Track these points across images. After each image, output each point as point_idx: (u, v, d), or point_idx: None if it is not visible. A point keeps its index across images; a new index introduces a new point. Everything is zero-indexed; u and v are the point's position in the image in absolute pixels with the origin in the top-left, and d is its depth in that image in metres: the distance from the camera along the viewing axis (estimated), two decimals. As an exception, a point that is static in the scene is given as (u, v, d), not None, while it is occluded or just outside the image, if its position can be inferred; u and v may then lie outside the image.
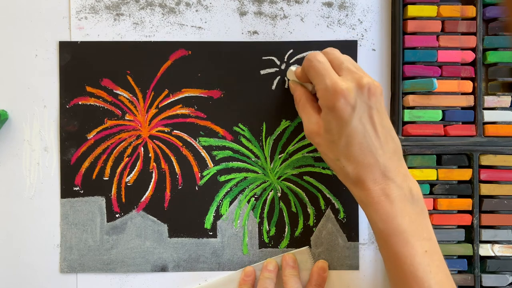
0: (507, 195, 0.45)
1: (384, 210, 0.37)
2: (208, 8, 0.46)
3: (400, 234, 0.36)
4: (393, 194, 0.37)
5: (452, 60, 0.45)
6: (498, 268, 0.45)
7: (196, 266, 0.46)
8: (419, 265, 0.36)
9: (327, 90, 0.37)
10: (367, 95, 0.37)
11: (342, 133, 0.37)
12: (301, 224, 0.46)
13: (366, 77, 0.37)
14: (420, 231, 0.37)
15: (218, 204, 0.46)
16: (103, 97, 0.45)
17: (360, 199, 0.38)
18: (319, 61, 0.38)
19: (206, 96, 0.46)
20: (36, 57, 0.45)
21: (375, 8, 0.46)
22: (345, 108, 0.36)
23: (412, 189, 0.38)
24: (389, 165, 0.37)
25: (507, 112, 0.45)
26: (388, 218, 0.37)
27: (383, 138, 0.37)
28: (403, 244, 0.36)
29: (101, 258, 0.45)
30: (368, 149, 0.37)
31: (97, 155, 0.45)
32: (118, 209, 0.46)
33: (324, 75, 0.38)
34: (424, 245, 0.36)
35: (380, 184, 0.37)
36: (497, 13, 0.45)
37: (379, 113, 0.38)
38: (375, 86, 0.37)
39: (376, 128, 0.37)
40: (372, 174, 0.37)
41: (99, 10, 0.45)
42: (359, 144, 0.37)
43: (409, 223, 0.37)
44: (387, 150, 0.38)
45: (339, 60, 0.39)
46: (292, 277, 0.44)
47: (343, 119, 0.37)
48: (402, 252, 0.36)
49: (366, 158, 0.37)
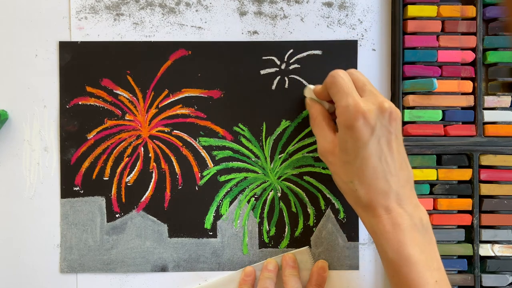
0: (507, 195, 0.45)
1: (396, 240, 0.36)
2: (208, 8, 0.46)
3: (411, 265, 0.36)
4: (405, 223, 0.36)
5: (452, 60, 0.45)
6: (498, 268, 0.45)
7: (196, 266, 0.46)
8: None
9: (348, 108, 0.36)
10: (388, 120, 0.37)
11: (358, 154, 0.36)
12: (301, 224, 0.46)
13: (388, 102, 0.37)
14: (430, 261, 0.36)
15: (218, 204, 0.46)
16: (103, 97, 0.45)
17: (371, 226, 0.38)
18: (343, 78, 0.38)
19: (206, 96, 0.46)
20: (36, 57, 0.45)
21: (375, 8, 0.46)
22: (364, 129, 0.36)
23: (422, 218, 0.37)
24: (402, 193, 0.37)
25: (507, 112, 0.45)
26: (399, 248, 0.36)
27: (398, 165, 0.37)
28: (414, 274, 0.36)
29: (101, 258, 0.45)
30: (382, 174, 0.36)
31: (97, 155, 0.45)
32: (118, 209, 0.46)
33: (347, 93, 0.37)
34: (434, 275, 0.36)
35: (392, 213, 0.36)
36: (497, 13, 0.45)
37: (397, 139, 0.37)
38: (396, 112, 0.37)
39: (393, 154, 0.37)
40: (385, 201, 0.37)
41: (99, 10, 0.45)
42: (374, 168, 0.36)
43: (420, 253, 0.36)
44: (402, 177, 0.37)
45: (362, 82, 0.39)
46: (292, 277, 0.44)
47: (360, 140, 0.36)
48: (413, 283, 0.36)
49: (379, 183, 0.36)
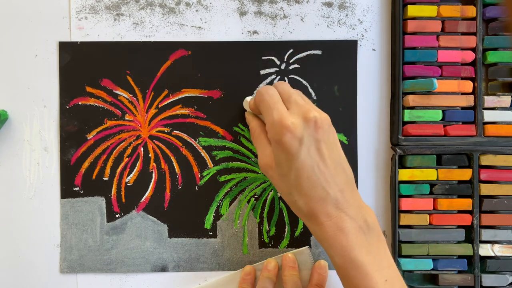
0: (507, 195, 0.45)
1: (340, 244, 0.36)
2: (208, 8, 0.46)
3: (358, 267, 0.36)
4: (347, 227, 0.36)
5: (452, 60, 0.45)
6: (498, 268, 0.45)
7: (196, 266, 0.46)
8: None
9: (274, 124, 0.37)
10: (314, 128, 0.37)
11: (291, 167, 0.37)
12: (301, 224, 0.46)
13: (313, 111, 0.37)
14: (378, 261, 0.36)
15: (218, 204, 0.46)
16: (103, 97, 0.45)
17: (315, 233, 0.38)
18: (269, 94, 0.39)
19: (206, 96, 0.46)
20: (36, 57, 0.45)
21: (375, 8, 0.46)
22: (292, 142, 0.36)
23: (367, 219, 0.37)
24: (341, 198, 0.37)
25: (507, 112, 0.45)
26: (344, 252, 0.36)
27: (333, 170, 0.37)
28: (362, 276, 0.36)
29: (101, 258, 0.45)
30: (318, 183, 0.37)
31: (97, 155, 0.46)
32: (118, 209, 0.46)
33: (272, 108, 0.38)
34: (383, 274, 0.36)
35: (333, 218, 0.36)
36: (497, 13, 0.45)
37: (328, 145, 0.37)
38: (321, 119, 0.37)
39: (325, 161, 0.37)
40: (324, 208, 0.37)
41: (99, 10, 0.45)
42: (309, 178, 0.37)
43: (366, 255, 0.36)
44: (338, 182, 0.37)
45: (288, 94, 0.39)
46: (292, 277, 0.44)
47: (291, 153, 0.36)
48: (362, 285, 0.36)
49: (316, 192, 0.37)
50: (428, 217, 0.45)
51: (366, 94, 0.46)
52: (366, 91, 0.46)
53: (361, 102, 0.46)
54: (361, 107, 0.46)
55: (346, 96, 0.46)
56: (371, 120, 0.46)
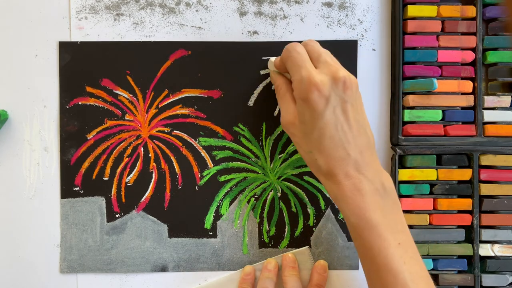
0: (507, 195, 0.45)
1: (356, 204, 0.37)
2: (208, 8, 0.46)
3: (372, 228, 0.36)
4: (365, 188, 0.37)
5: (452, 60, 0.45)
6: (498, 268, 0.45)
7: (196, 266, 0.46)
8: (392, 256, 0.36)
9: (302, 81, 0.37)
10: (342, 89, 0.37)
11: (315, 125, 0.37)
12: (301, 224, 0.46)
13: (342, 71, 0.37)
14: (393, 224, 0.37)
15: (218, 204, 0.46)
16: (103, 97, 0.45)
17: (332, 192, 0.38)
18: (297, 52, 0.39)
19: (206, 96, 0.46)
20: (36, 57, 0.45)
21: (375, 8, 0.46)
22: (319, 100, 0.36)
23: (384, 182, 0.38)
24: (360, 160, 0.37)
25: (507, 112, 0.45)
26: (360, 212, 0.37)
27: (356, 132, 0.37)
28: (376, 237, 0.36)
29: (101, 258, 0.45)
30: (340, 143, 0.37)
31: (97, 155, 0.45)
32: (118, 209, 0.46)
33: (301, 66, 0.38)
34: (397, 237, 0.36)
35: (352, 179, 0.37)
36: (497, 13, 0.45)
37: (354, 107, 0.38)
38: (350, 80, 0.37)
39: (349, 122, 0.37)
40: (344, 168, 0.37)
41: (99, 10, 0.45)
42: (331, 137, 0.37)
43: (382, 217, 0.37)
44: (360, 144, 0.38)
45: (318, 53, 0.39)
46: (292, 277, 0.44)
47: (316, 111, 0.37)
48: (375, 245, 0.36)
49: (337, 152, 0.37)
50: (428, 217, 0.45)
51: (366, 94, 0.46)
52: (366, 91, 0.46)
53: (361, 102, 0.46)
54: (361, 107, 0.46)
55: (346, 96, 0.46)
56: (371, 120, 0.46)
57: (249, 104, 0.46)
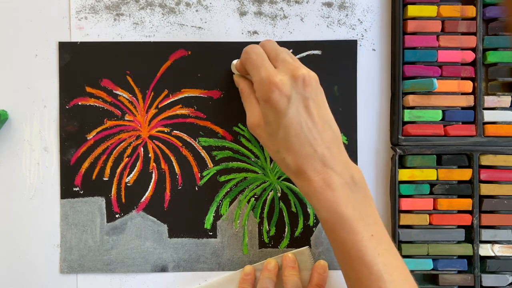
0: (507, 195, 0.45)
1: (326, 199, 0.37)
2: (208, 8, 0.46)
3: (344, 222, 0.36)
4: (334, 182, 0.37)
5: (452, 60, 0.45)
6: (498, 268, 0.45)
7: (196, 266, 0.46)
8: (366, 249, 0.36)
9: (262, 82, 0.37)
10: (302, 86, 0.37)
11: (280, 125, 0.37)
12: (301, 224, 0.46)
13: (302, 68, 0.38)
14: (364, 217, 0.37)
15: (218, 204, 0.46)
16: (102, 97, 0.45)
17: (303, 189, 0.38)
18: (255, 53, 0.39)
19: (206, 96, 0.46)
20: (36, 57, 0.45)
21: (375, 8, 0.46)
22: (280, 100, 0.37)
23: (353, 176, 0.38)
24: (328, 155, 0.37)
25: (507, 112, 0.45)
26: (331, 207, 0.37)
27: (321, 128, 0.38)
28: (348, 231, 0.36)
29: (101, 259, 0.45)
30: (305, 140, 0.37)
31: (97, 156, 0.45)
32: (118, 210, 0.46)
33: (260, 67, 0.38)
34: (370, 230, 0.37)
35: (321, 174, 0.37)
36: (497, 13, 0.45)
37: (316, 103, 0.38)
38: (309, 76, 0.37)
39: (313, 118, 0.37)
40: (312, 164, 0.37)
41: (99, 10, 0.45)
42: (297, 135, 0.37)
43: (353, 210, 0.37)
44: (326, 139, 0.38)
45: (275, 52, 0.39)
46: (292, 277, 0.44)
47: (279, 111, 0.37)
48: (348, 239, 0.36)
49: (304, 149, 0.37)
50: (428, 217, 0.45)
51: (366, 94, 0.46)
52: (366, 91, 0.46)
53: (361, 102, 0.46)
54: (361, 107, 0.46)
55: (346, 96, 0.46)
56: (371, 120, 0.46)
57: (249, 104, 0.46)
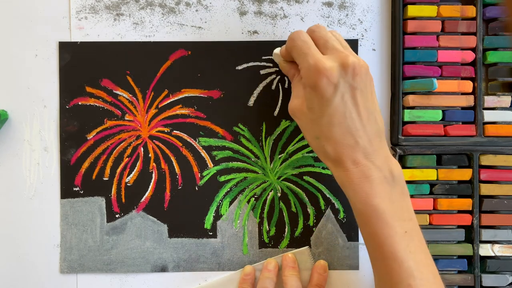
0: (507, 195, 0.45)
1: (363, 191, 0.36)
2: (208, 8, 0.46)
3: (379, 215, 0.36)
4: (373, 175, 0.37)
5: (452, 60, 0.45)
6: (498, 268, 0.45)
7: (196, 266, 0.46)
8: (398, 245, 0.36)
9: (310, 69, 0.37)
10: (352, 75, 0.36)
11: (324, 112, 0.37)
12: (301, 224, 0.46)
13: (352, 56, 0.37)
14: (400, 212, 0.37)
15: (218, 204, 0.46)
16: (102, 97, 0.45)
17: (340, 179, 0.38)
18: (302, 40, 0.38)
19: (206, 96, 0.46)
20: (36, 57, 0.45)
21: (375, 8, 0.46)
22: (327, 87, 0.36)
23: (393, 170, 0.37)
24: (369, 147, 0.37)
25: (507, 112, 0.45)
26: (367, 199, 0.36)
27: (365, 119, 0.37)
28: (382, 225, 0.36)
29: (101, 259, 0.45)
30: (348, 130, 0.37)
31: (97, 156, 0.45)
32: (118, 210, 0.46)
33: (307, 54, 0.37)
34: (404, 225, 0.36)
35: (360, 166, 0.37)
36: (497, 13, 0.45)
37: (363, 94, 0.37)
38: (360, 65, 0.37)
39: (358, 109, 0.37)
40: (352, 155, 0.37)
41: (99, 10, 0.45)
42: (340, 124, 0.37)
43: (389, 204, 0.36)
44: (369, 131, 0.37)
45: (324, 39, 0.38)
46: (292, 277, 0.44)
47: (324, 98, 0.36)
48: (381, 233, 0.36)
49: (346, 139, 0.37)
50: (428, 217, 0.45)
51: (366, 94, 0.46)
52: (366, 91, 0.46)
53: (361, 102, 0.46)
54: (361, 107, 0.46)
55: (346, 96, 0.46)
56: (371, 120, 0.46)
57: (249, 104, 0.46)
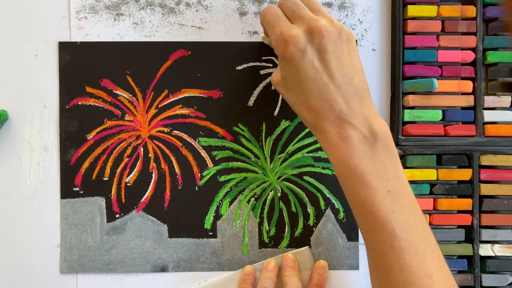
0: (507, 195, 0.45)
1: (341, 153, 0.36)
2: (208, 8, 0.46)
3: (358, 176, 0.35)
4: (351, 136, 0.36)
5: (452, 60, 0.45)
6: (498, 268, 0.45)
7: (196, 266, 0.46)
8: (379, 204, 0.35)
9: (277, 39, 0.37)
10: (318, 38, 0.36)
11: (295, 79, 0.37)
12: (301, 224, 0.46)
13: (321, 20, 0.36)
14: (382, 172, 0.35)
15: (218, 204, 0.46)
16: (102, 97, 0.45)
17: (320, 142, 0.38)
18: (270, 13, 0.39)
19: (206, 96, 0.46)
20: (36, 57, 0.45)
21: (375, 8, 0.46)
22: (295, 54, 0.36)
23: (375, 130, 0.36)
24: (344, 109, 0.36)
25: (507, 112, 0.45)
26: (345, 160, 0.36)
27: (339, 81, 0.36)
28: (362, 185, 0.35)
29: (101, 259, 0.45)
30: (320, 94, 0.36)
31: (97, 156, 0.45)
32: (118, 210, 0.46)
33: (275, 25, 0.38)
34: (387, 185, 0.35)
35: (336, 128, 0.36)
36: (497, 13, 0.45)
37: (335, 55, 0.36)
38: (326, 28, 0.36)
39: (330, 72, 0.36)
40: (328, 118, 0.36)
41: (99, 10, 0.45)
42: (311, 89, 0.36)
43: (369, 164, 0.35)
44: (345, 93, 0.36)
45: (292, 9, 0.38)
46: (292, 277, 0.44)
47: (293, 66, 0.36)
48: (361, 193, 0.35)
49: (319, 103, 0.36)
50: (428, 217, 0.45)
51: (366, 94, 0.46)
52: (366, 91, 0.46)
53: (361, 102, 0.46)
54: (361, 107, 0.46)
55: (346, 96, 0.46)
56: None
57: (249, 104, 0.46)
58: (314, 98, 0.37)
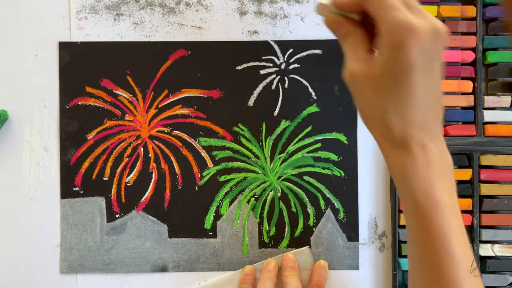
0: (507, 195, 0.45)
1: (427, 181, 0.31)
2: (208, 8, 0.46)
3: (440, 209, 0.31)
4: (436, 162, 0.31)
5: (452, 60, 0.45)
6: (498, 268, 0.45)
7: (196, 266, 0.46)
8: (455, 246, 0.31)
9: (398, 24, 0.29)
10: (442, 43, 0.30)
11: (403, 81, 0.30)
12: (301, 224, 0.46)
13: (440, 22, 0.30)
14: (456, 207, 0.32)
15: (218, 204, 0.46)
16: (102, 97, 0.45)
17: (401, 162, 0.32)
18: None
19: (206, 96, 0.46)
20: (36, 57, 0.45)
21: (375, 8, 0.46)
22: (415, 51, 0.29)
23: (449, 160, 0.32)
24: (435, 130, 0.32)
25: (507, 112, 0.45)
26: (430, 189, 0.31)
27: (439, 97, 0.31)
28: (441, 219, 0.31)
29: (101, 259, 0.45)
30: (423, 106, 0.30)
31: (97, 156, 0.45)
32: (118, 210, 0.46)
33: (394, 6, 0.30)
34: (458, 223, 0.32)
35: (426, 150, 0.31)
36: (497, 13, 0.45)
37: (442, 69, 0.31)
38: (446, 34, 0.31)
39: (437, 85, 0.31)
40: (420, 136, 0.31)
41: (99, 10, 0.45)
42: (418, 98, 0.30)
43: (449, 197, 0.31)
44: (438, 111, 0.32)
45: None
46: (292, 277, 0.44)
47: (408, 64, 0.29)
48: (439, 227, 0.31)
49: (419, 117, 0.31)
50: (428, 217, 0.45)
51: (366, 94, 0.46)
52: (366, 91, 0.46)
53: (361, 102, 0.46)
54: (361, 107, 0.46)
55: (347, 96, 0.46)
56: (371, 120, 0.46)
57: (249, 104, 0.46)
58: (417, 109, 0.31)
